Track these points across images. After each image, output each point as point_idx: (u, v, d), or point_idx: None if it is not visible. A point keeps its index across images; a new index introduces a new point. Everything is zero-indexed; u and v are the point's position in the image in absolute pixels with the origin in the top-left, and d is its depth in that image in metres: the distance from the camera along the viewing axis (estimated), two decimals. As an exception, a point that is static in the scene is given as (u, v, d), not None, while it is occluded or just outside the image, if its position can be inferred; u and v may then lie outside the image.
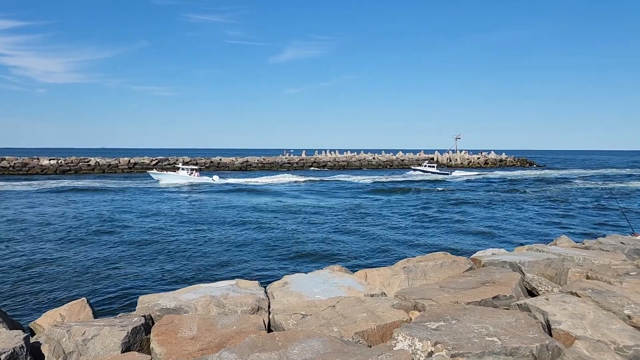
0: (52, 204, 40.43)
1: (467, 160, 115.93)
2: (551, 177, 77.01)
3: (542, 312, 5.31)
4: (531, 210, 37.38)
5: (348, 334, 5.07)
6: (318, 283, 7.18)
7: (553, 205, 40.50)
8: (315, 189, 56.12)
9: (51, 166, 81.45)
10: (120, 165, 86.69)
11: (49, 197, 45.20)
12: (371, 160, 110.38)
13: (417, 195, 49.23)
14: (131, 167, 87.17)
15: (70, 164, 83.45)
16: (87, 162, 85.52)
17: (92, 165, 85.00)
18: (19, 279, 17.25)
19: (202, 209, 37.06)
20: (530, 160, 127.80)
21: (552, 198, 45.85)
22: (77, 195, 47.41)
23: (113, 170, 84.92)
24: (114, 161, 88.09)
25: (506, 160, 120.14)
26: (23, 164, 80.00)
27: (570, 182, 67.98)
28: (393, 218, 32.92)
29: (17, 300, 14.91)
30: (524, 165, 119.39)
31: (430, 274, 7.64)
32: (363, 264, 18.87)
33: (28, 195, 46.97)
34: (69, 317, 6.51)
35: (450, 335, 4.59)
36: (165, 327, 5.44)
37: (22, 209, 36.58)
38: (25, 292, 15.67)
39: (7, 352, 4.76)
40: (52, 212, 35.32)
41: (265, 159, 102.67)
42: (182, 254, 21.33)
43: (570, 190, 54.56)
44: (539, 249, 8.83)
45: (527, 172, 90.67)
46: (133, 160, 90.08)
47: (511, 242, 23.89)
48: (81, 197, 45.20)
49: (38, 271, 18.26)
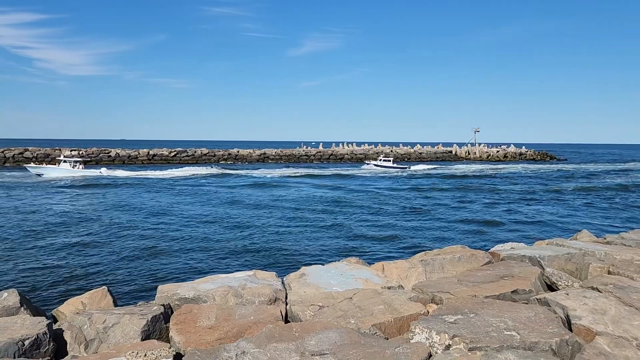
0: (72, 195, 41.14)
1: (486, 153, 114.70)
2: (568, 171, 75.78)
3: (562, 307, 5.25)
4: (551, 205, 36.88)
5: (365, 326, 5.07)
6: (335, 275, 7.19)
7: (573, 200, 39.88)
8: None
9: (73, 157, 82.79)
10: (139, 157, 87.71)
11: (67, 189, 46.00)
12: (388, 154, 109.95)
13: (431, 187, 48.90)
14: (150, 158, 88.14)
15: (91, 155, 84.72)
16: (107, 153, 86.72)
17: (113, 156, 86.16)
18: (43, 267, 17.62)
19: (215, 199, 37.35)
20: (551, 154, 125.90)
21: (573, 192, 45.15)
22: (89, 189, 48.17)
23: (133, 161, 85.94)
24: (134, 152, 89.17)
25: (526, 153, 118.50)
26: (45, 154, 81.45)
27: (594, 176, 66.84)
28: (407, 209, 32.77)
29: (41, 287, 15.24)
30: (544, 159, 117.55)
31: (448, 267, 7.60)
32: (380, 257, 18.85)
33: (47, 186, 47.85)
34: (90, 305, 6.63)
35: (468, 329, 4.56)
36: (184, 317, 5.51)
37: (41, 200, 37.31)
38: (48, 280, 16.00)
39: (31, 338, 4.87)
40: (74, 203, 35.96)
41: (283, 151, 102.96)
42: (199, 245, 21.54)
43: (592, 184, 53.63)
44: (559, 243, 8.70)
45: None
46: (152, 151, 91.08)
47: (530, 236, 23.61)
48: (94, 191, 45.92)
49: (60, 260, 18.62)
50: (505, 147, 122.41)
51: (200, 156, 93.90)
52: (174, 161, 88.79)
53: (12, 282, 15.70)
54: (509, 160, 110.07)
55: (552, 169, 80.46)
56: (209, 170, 70.07)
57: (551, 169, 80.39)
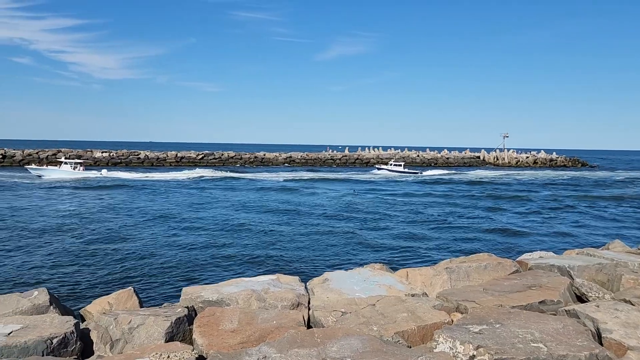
0: (98, 196, 42.04)
1: (516, 159, 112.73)
2: (600, 179, 73.79)
3: (592, 320, 5.10)
4: (581, 213, 35.99)
5: (388, 334, 5.02)
6: (358, 281, 7.15)
7: (605, 208, 38.83)
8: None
9: (103, 158, 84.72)
10: (168, 159, 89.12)
11: (96, 190, 47.04)
12: (415, 158, 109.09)
13: (455, 193, 48.28)
14: (178, 160, 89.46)
15: (121, 157, 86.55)
16: (137, 155, 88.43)
17: (142, 158, 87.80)
18: (72, 265, 18.04)
19: (237, 202, 37.65)
20: (582, 160, 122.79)
21: (606, 200, 43.95)
22: (103, 190, 49.12)
23: (161, 163, 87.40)
24: (162, 154, 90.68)
25: (557, 160, 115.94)
26: (77, 156, 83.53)
27: (628, 184, 64.97)
28: (432, 216, 32.42)
29: (69, 286, 15.59)
30: (575, 165, 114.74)
31: (474, 275, 7.47)
32: (403, 263, 18.68)
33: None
34: (117, 305, 6.75)
35: (493, 340, 4.47)
36: (207, 319, 5.55)
37: (60, 201, 38.24)
38: (76, 279, 16.36)
39: (59, 337, 4.98)
40: (99, 204, 36.74)
41: (309, 155, 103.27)
42: (223, 248, 21.73)
43: (626, 192, 52.11)
44: (590, 253, 8.47)
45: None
46: (180, 154, 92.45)
47: (558, 245, 23.06)
48: (109, 192, 46.81)
49: (87, 259, 19.03)
50: (535, 153, 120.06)
51: (227, 159, 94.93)
52: (201, 164, 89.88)
53: (40, 280, 16.10)
54: (539, 167, 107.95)
55: (584, 176, 78.50)
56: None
57: (582, 176, 78.44)
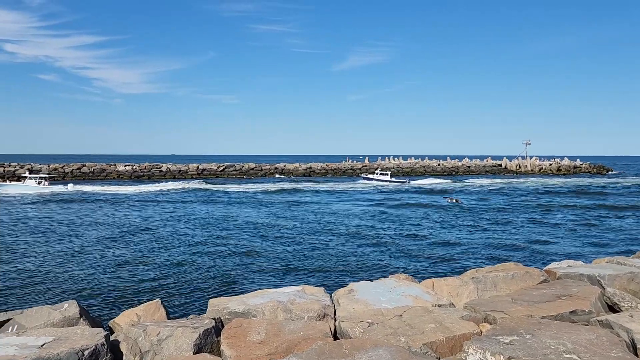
0: (123, 208, 42.68)
1: (538, 167, 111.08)
2: (626, 186, 72.19)
3: (626, 330, 4.98)
4: (607, 221, 35.24)
5: (416, 345, 4.98)
6: (384, 291, 7.11)
7: (634, 216, 37.95)
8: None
9: (126, 172, 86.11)
10: (189, 172, 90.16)
11: (119, 202, 47.77)
12: (436, 167, 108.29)
13: (478, 202, 47.73)
14: (200, 172, 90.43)
15: (143, 170, 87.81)
16: (159, 168, 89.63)
17: (164, 171, 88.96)
18: (100, 277, 18.32)
19: (255, 214, 37.83)
20: (607, 167, 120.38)
21: (633, 209, 42.97)
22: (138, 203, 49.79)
23: (183, 175, 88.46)
24: (184, 167, 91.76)
25: (580, 166, 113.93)
26: (101, 169, 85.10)
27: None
28: (453, 227, 32.09)
29: (98, 298, 15.83)
30: (600, 172, 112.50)
31: (501, 285, 7.36)
32: (427, 273, 18.51)
33: (105, 200, 49.87)
34: (145, 317, 6.83)
35: (524, 351, 4.39)
36: (234, 331, 5.57)
37: (99, 213, 38.89)
38: (104, 291, 16.61)
39: (90, 349, 5.05)
40: (126, 216, 37.29)
41: (329, 165, 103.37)
42: (247, 259, 21.83)
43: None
44: (621, 261, 8.28)
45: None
46: (201, 166, 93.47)
47: (587, 254, 22.59)
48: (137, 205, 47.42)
49: (113, 272, 19.31)
50: (558, 160, 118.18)
51: (247, 170, 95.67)
52: (222, 175, 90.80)
53: (69, 292, 16.38)
54: (562, 174, 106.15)
55: (608, 183, 76.88)
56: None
57: (607, 183, 76.84)
